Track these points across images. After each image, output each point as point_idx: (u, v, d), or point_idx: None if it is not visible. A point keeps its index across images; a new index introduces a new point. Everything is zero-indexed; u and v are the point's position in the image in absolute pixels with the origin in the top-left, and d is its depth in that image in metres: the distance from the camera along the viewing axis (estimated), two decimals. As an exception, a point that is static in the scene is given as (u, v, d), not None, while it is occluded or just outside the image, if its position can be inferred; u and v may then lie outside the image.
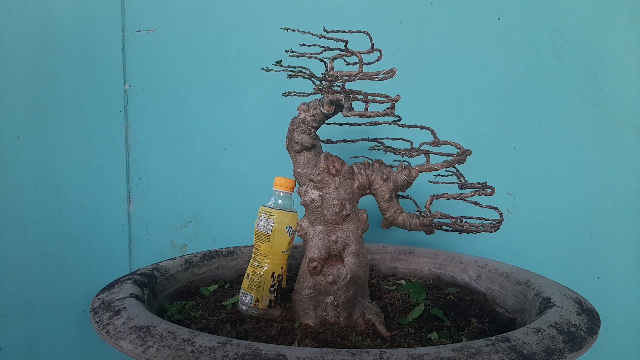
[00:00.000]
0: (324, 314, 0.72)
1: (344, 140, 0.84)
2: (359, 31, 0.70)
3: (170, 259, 0.92)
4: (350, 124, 0.83)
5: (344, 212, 0.72)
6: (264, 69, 0.74)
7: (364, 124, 0.80)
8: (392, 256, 1.04)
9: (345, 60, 0.76)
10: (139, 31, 1.16)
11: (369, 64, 0.71)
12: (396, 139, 0.80)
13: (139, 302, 0.68)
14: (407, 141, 0.77)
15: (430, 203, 0.72)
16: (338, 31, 0.69)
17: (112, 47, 1.15)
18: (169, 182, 1.18)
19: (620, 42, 1.11)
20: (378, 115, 0.66)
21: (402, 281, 0.96)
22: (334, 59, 0.72)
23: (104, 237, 1.18)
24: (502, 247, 1.14)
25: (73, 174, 1.16)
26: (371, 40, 0.71)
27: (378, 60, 0.72)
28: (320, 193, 0.73)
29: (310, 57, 0.73)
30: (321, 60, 0.74)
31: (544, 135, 1.14)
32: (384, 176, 0.74)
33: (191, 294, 0.88)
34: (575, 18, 1.12)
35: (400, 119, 0.71)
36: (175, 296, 0.86)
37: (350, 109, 0.68)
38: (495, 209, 0.69)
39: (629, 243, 1.14)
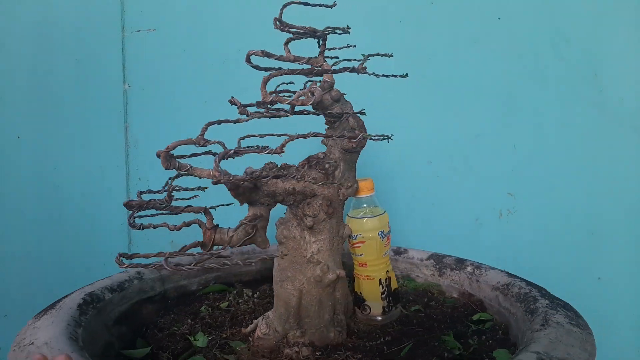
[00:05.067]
0: None
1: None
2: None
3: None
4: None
5: None
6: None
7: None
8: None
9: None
10: (139, 31, 1.15)
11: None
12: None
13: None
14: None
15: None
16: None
17: (112, 47, 1.15)
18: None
19: (621, 42, 1.11)
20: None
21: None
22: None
23: (104, 237, 1.18)
24: (502, 247, 1.14)
25: (73, 174, 1.16)
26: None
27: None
28: None
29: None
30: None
31: (544, 135, 1.14)
32: None
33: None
34: (575, 18, 1.11)
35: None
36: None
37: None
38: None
39: (629, 243, 1.14)
